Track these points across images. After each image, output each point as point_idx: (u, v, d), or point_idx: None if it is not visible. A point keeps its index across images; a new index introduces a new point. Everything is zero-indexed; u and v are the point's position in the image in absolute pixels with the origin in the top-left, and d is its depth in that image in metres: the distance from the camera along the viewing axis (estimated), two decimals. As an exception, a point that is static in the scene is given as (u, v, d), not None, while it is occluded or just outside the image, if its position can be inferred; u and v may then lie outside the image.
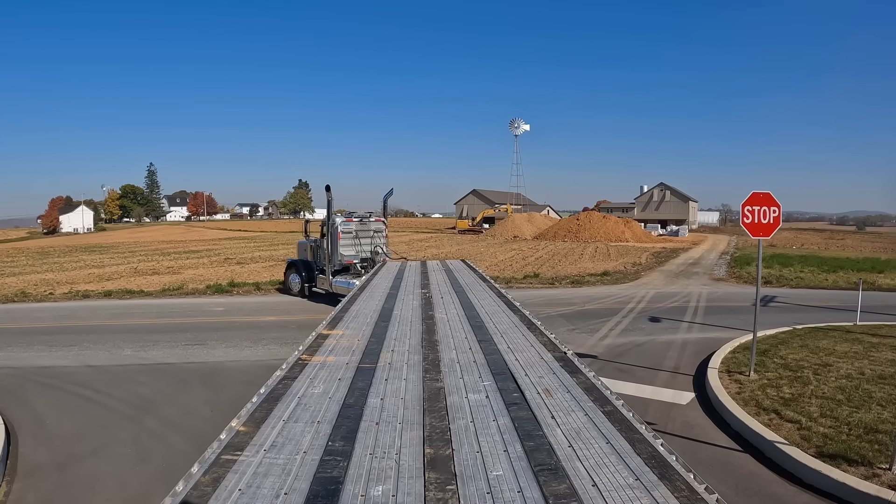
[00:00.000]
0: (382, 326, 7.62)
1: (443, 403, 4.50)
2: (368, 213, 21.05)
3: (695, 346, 13.23)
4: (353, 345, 6.55)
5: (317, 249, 20.87)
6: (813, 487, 6.55)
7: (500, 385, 4.94)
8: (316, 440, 3.78)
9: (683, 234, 79.59)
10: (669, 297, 21.51)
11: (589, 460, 3.40)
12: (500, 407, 4.39)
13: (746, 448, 7.71)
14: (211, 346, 13.71)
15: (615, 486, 3.08)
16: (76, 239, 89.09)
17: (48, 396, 10.14)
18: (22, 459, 7.67)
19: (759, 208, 9.89)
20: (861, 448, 6.96)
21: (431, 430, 3.95)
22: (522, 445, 3.65)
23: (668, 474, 3.20)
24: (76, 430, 8.59)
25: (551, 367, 5.50)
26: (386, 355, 6.06)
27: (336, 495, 3.04)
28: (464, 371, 5.43)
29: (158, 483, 6.80)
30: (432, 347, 6.39)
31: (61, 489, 6.84)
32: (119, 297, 22.10)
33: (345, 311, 8.82)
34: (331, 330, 7.37)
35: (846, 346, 12.01)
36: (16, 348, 13.61)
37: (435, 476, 3.25)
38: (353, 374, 5.36)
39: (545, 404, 4.41)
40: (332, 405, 4.47)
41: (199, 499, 3.00)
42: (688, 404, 9.47)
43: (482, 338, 6.83)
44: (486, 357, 5.92)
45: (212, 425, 8.33)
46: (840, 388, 9.17)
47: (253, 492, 3.08)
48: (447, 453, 3.56)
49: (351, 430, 3.95)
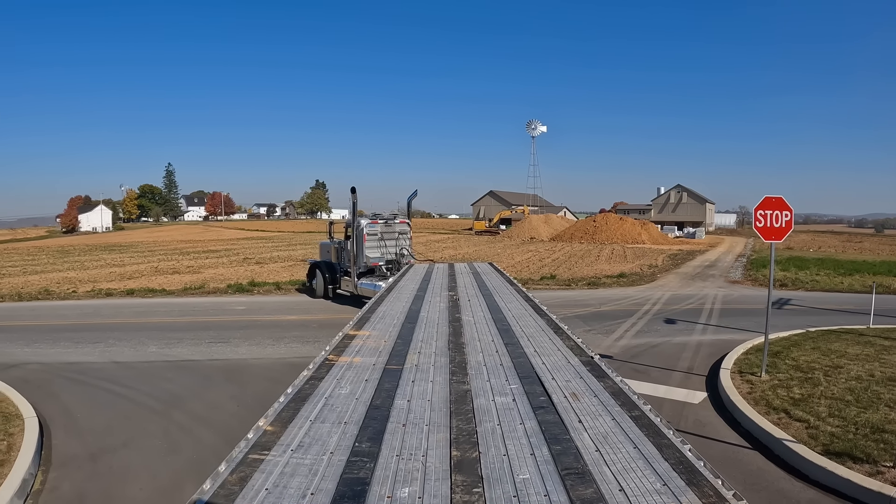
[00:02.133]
0: (409, 328, 7.64)
1: (469, 406, 4.49)
2: (393, 215, 20.89)
3: (709, 347, 13.38)
4: (380, 346, 6.59)
5: (340, 251, 20.72)
6: (819, 483, 6.74)
7: (527, 388, 4.92)
8: (343, 441, 3.79)
9: (700, 236, 79.31)
10: (685, 299, 21.63)
11: (616, 465, 3.37)
12: (527, 410, 4.38)
13: (756, 445, 7.92)
14: (234, 343, 14.03)
15: (642, 491, 3.07)
16: (95, 238, 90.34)
17: (77, 391, 10.46)
18: (55, 451, 7.96)
19: (772, 212, 10.06)
20: (867, 447, 7.12)
21: (458, 432, 3.94)
22: (549, 449, 3.63)
23: (695, 480, 3.17)
24: (106, 424, 8.89)
25: (578, 371, 5.46)
26: (413, 357, 6.08)
27: (362, 496, 3.06)
28: (490, 374, 5.42)
29: (190, 473, 7.10)
30: (459, 350, 6.38)
31: (95, 478, 7.13)
32: (141, 296, 22.59)
33: (371, 312, 8.86)
34: (357, 331, 7.41)
35: (858, 349, 12.12)
36: (42, 345, 14.00)
37: (461, 478, 3.25)
38: (380, 375, 5.38)
39: (572, 408, 4.39)
40: (358, 406, 4.49)
41: (226, 498, 3.03)
42: (700, 403, 9.66)
43: (509, 341, 6.81)
44: (513, 360, 5.90)
45: (238, 420, 8.67)
46: (849, 389, 9.31)
47: (280, 491, 3.10)
48: (474, 456, 3.55)
49: (378, 432, 3.96)
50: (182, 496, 6.46)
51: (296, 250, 47.46)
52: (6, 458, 7.34)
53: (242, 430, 8.50)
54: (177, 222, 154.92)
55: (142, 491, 6.83)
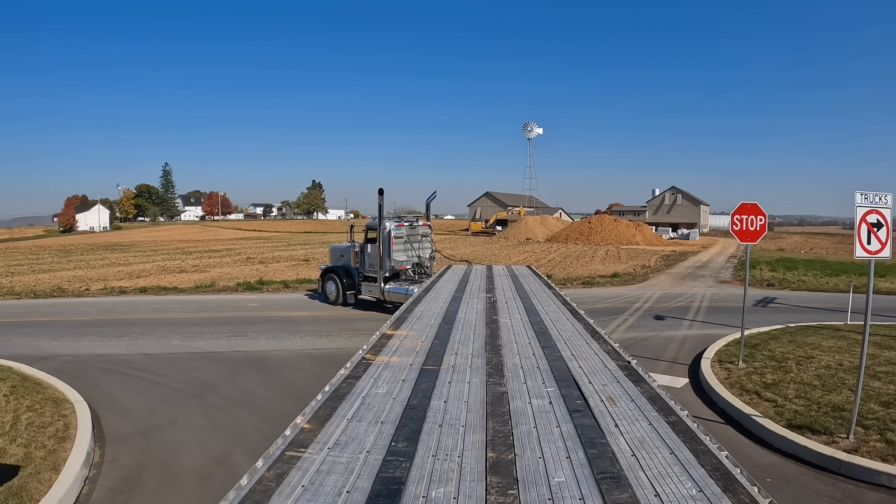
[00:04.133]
0: (446, 329, 7.72)
1: (506, 408, 4.51)
2: (416, 217, 20.60)
3: (694, 341, 14.36)
4: (417, 346, 6.68)
5: (362, 255, 19.69)
6: (781, 451, 7.84)
7: (564, 391, 4.94)
8: (379, 440, 3.83)
9: (694, 237, 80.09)
10: (675, 297, 22.63)
11: (652, 470, 3.38)
12: (564, 413, 4.39)
13: (728, 421, 9.00)
14: (252, 337, 14.92)
15: (678, 496, 3.07)
16: (94, 237, 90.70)
17: (112, 379, 11.28)
18: (107, 430, 8.78)
19: (747, 217, 11.15)
20: (826, 422, 8.18)
21: (494, 434, 3.96)
22: (585, 453, 3.64)
23: (731, 487, 3.17)
24: (149, 406, 9.78)
25: (615, 375, 5.47)
26: (449, 358, 6.12)
27: (398, 495, 3.08)
28: (527, 376, 5.43)
29: (235, 445, 8.04)
30: (496, 352, 6.42)
31: (150, 451, 8.01)
32: (155, 294, 23.49)
33: (409, 312, 9.03)
34: (395, 330, 7.49)
35: (832, 342, 13.12)
36: (69, 338, 14.82)
37: (497, 480, 3.26)
38: (417, 375, 5.43)
39: (608, 412, 4.39)
40: (395, 406, 4.53)
41: (263, 494, 3.08)
42: (682, 388, 10.69)
43: (546, 344, 6.86)
44: (550, 363, 5.93)
45: (270, 402, 9.65)
46: (818, 375, 10.35)
47: (316, 489, 3.14)
48: (509, 458, 3.56)
49: (414, 432, 3.99)
50: (231, 464, 7.45)
51: (296, 250, 48.21)
52: (66, 435, 8.20)
53: (274, 410, 9.54)
54: (174, 222, 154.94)
55: (195, 459, 7.73)
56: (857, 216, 7.56)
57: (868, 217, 7.56)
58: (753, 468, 7.24)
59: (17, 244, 75.51)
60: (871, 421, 8.10)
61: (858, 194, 7.52)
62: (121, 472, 7.45)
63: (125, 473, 7.39)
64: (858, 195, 7.53)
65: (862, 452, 7.25)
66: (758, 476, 6.95)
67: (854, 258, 7.88)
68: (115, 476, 7.33)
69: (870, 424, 7.99)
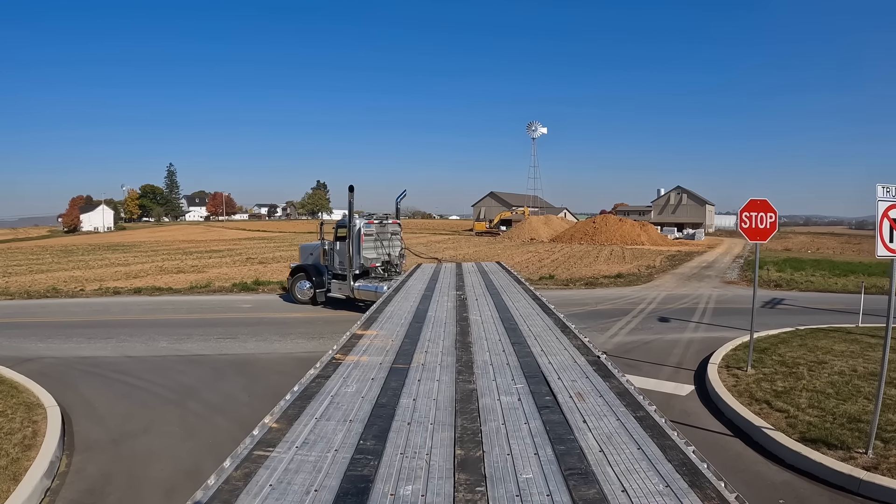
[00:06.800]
0: (416, 327, 7.72)
1: (475, 405, 4.52)
2: (386, 216, 20.61)
3: (699, 344, 13.81)
4: (387, 345, 6.66)
5: (331, 253, 19.52)
6: (794, 467, 7.22)
7: (533, 388, 4.95)
8: (347, 438, 3.85)
9: (700, 237, 79.57)
10: (679, 298, 22.06)
11: (619, 465, 3.40)
12: (532, 410, 4.40)
13: (737, 433, 8.39)
14: (242, 339, 14.47)
15: (645, 492, 3.09)
16: (97, 238, 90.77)
17: (94, 383, 10.89)
18: (78, 437, 8.39)
19: (757, 214, 10.53)
20: (842, 435, 7.59)
21: (463, 431, 3.99)
22: (553, 449, 3.67)
23: (698, 482, 3.19)
24: (125, 412, 9.34)
25: (584, 370, 5.48)
26: (419, 356, 6.12)
27: (366, 493, 3.09)
28: (497, 373, 5.45)
29: (208, 456, 7.54)
30: (466, 349, 6.42)
31: (118, 461, 7.56)
32: (149, 294, 23.08)
33: (379, 311, 8.96)
34: (365, 330, 7.47)
35: (844, 346, 12.55)
36: (56, 340, 14.45)
37: (465, 477, 3.28)
38: (387, 374, 5.44)
39: (577, 408, 4.40)
40: (364, 404, 4.54)
41: (231, 493, 3.07)
42: (687, 395, 10.14)
43: (516, 340, 6.87)
44: (520, 359, 5.93)
45: (250, 409, 9.16)
46: (831, 382, 9.77)
47: (283, 487, 3.15)
48: (478, 455, 3.59)
49: (382, 430, 4.01)
50: (201, 476, 6.91)
51: (297, 250, 47.81)
52: (32, 442, 7.76)
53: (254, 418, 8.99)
54: (178, 222, 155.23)
55: (163, 471, 7.26)
56: (879, 211, 6.94)
57: (890, 212, 6.97)
58: (764, 488, 6.75)
59: (19, 244, 75.57)
60: (890, 434, 7.50)
61: (880, 187, 6.93)
62: (85, 483, 7.03)
63: (89, 485, 6.96)
64: (880, 188, 6.93)
65: (882, 470, 6.66)
66: (769, 497, 6.48)
67: (875, 256, 7.28)
68: (79, 488, 6.90)
69: (889, 437, 7.40)
